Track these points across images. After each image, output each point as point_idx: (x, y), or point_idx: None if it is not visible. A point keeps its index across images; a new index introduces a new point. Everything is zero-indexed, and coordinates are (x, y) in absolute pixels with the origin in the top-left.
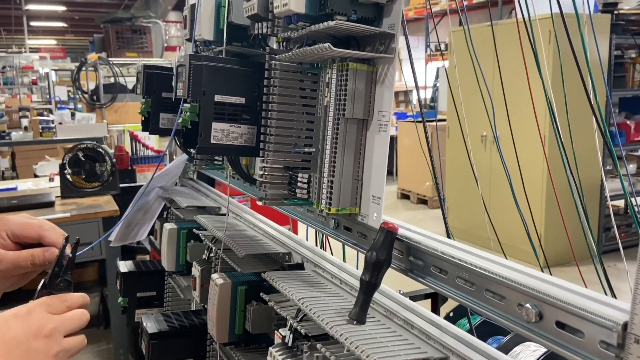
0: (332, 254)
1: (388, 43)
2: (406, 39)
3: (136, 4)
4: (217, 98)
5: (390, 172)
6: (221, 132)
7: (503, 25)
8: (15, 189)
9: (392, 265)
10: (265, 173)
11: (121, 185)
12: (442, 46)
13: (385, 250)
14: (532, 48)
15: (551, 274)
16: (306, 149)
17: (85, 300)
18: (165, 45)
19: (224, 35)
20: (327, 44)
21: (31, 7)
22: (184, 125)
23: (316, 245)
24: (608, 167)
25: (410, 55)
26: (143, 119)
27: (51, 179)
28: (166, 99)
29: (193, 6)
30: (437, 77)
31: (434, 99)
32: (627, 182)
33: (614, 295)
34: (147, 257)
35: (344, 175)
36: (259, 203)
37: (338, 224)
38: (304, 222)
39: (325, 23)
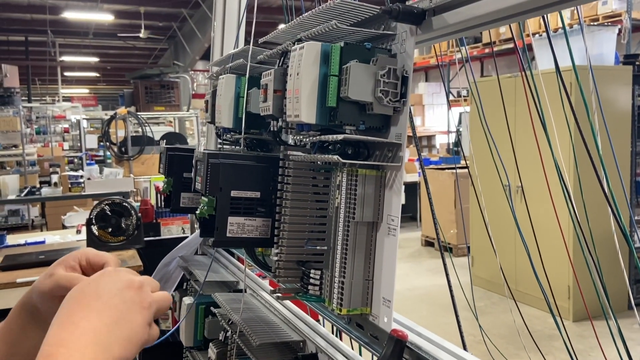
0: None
1: (396, 151)
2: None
3: (165, 54)
4: (234, 193)
5: (414, 218)
6: (237, 225)
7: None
8: (43, 242)
9: None
10: (279, 268)
11: (146, 238)
12: (465, 92)
13: (395, 359)
14: (535, 103)
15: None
16: (318, 247)
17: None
18: (193, 92)
19: (242, 123)
20: (335, 157)
21: (65, 58)
22: (202, 216)
23: (332, 331)
24: (637, 217)
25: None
26: (165, 196)
27: (78, 231)
28: (187, 179)
29: (214, 93)
30: (459, 122)
31: (457, 143)
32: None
33: (629, 358)
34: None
35: (355, 276)
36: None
37: (350, 319)
38: (319, 314)
39: (335, 136)
